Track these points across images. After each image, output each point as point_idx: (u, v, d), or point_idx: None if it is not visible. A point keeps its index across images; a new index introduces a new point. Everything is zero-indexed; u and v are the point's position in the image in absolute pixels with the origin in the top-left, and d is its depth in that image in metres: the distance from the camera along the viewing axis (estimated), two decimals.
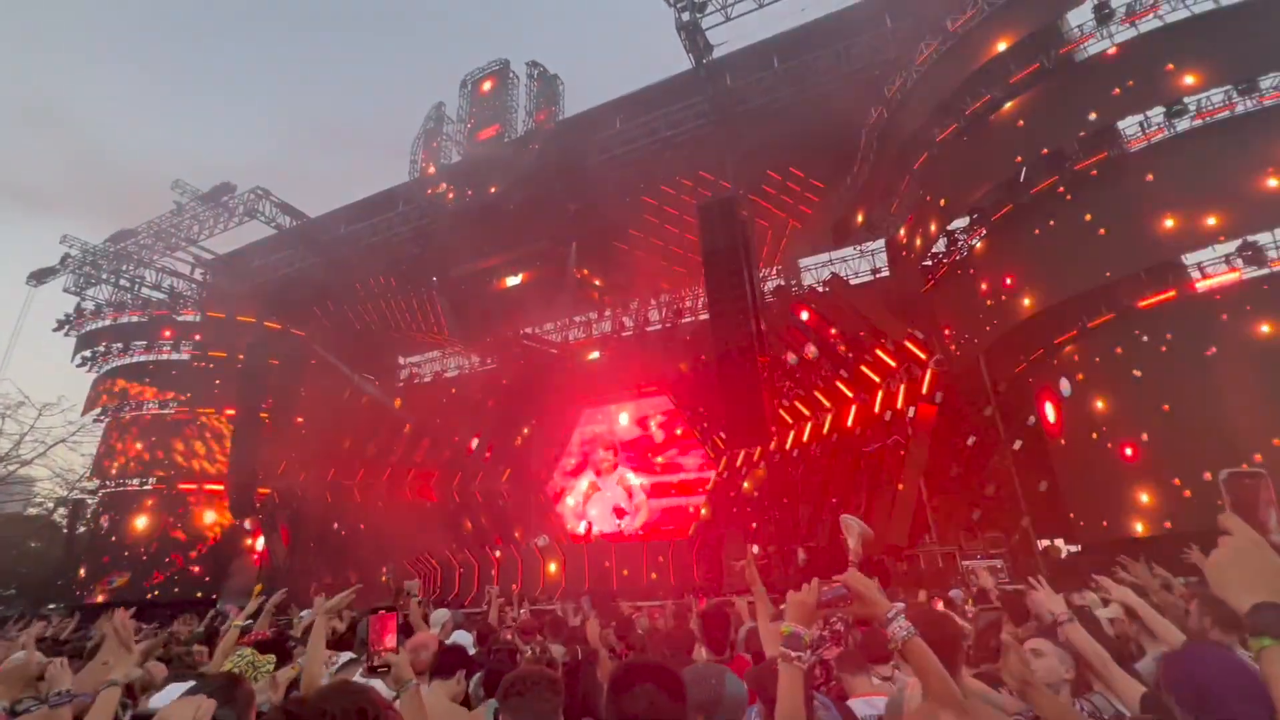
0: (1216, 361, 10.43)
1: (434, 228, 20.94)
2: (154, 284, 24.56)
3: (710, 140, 17.35)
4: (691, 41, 16.19)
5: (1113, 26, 12.03)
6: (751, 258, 15.56)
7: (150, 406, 24.59)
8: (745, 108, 17.03)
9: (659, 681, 1.44)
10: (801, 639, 1.65)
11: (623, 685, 1.45)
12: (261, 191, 22.51)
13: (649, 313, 23.99)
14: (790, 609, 1.73)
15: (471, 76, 22.62)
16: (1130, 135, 12.14)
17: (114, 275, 23.91)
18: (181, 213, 22.52)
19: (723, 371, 14.72)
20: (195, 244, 23.56)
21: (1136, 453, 10.95)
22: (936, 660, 1.62)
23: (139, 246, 23.54)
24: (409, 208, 21.87)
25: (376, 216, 22.56)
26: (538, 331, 25.11)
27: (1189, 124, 11.52)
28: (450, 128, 22.32)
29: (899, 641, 1.62)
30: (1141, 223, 11.24)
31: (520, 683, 1.74)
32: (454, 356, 27.72)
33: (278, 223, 22.68)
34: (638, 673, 1.48)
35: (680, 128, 17.69)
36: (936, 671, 1.60)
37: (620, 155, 18.42)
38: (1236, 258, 10.83)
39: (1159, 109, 11.61)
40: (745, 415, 14.24)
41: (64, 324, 24.07)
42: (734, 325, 14.49)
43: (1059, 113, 12.37)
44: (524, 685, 1.73)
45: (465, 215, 20.31)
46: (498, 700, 1.82)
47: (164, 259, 24.31)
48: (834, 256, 21.80)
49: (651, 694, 1.41)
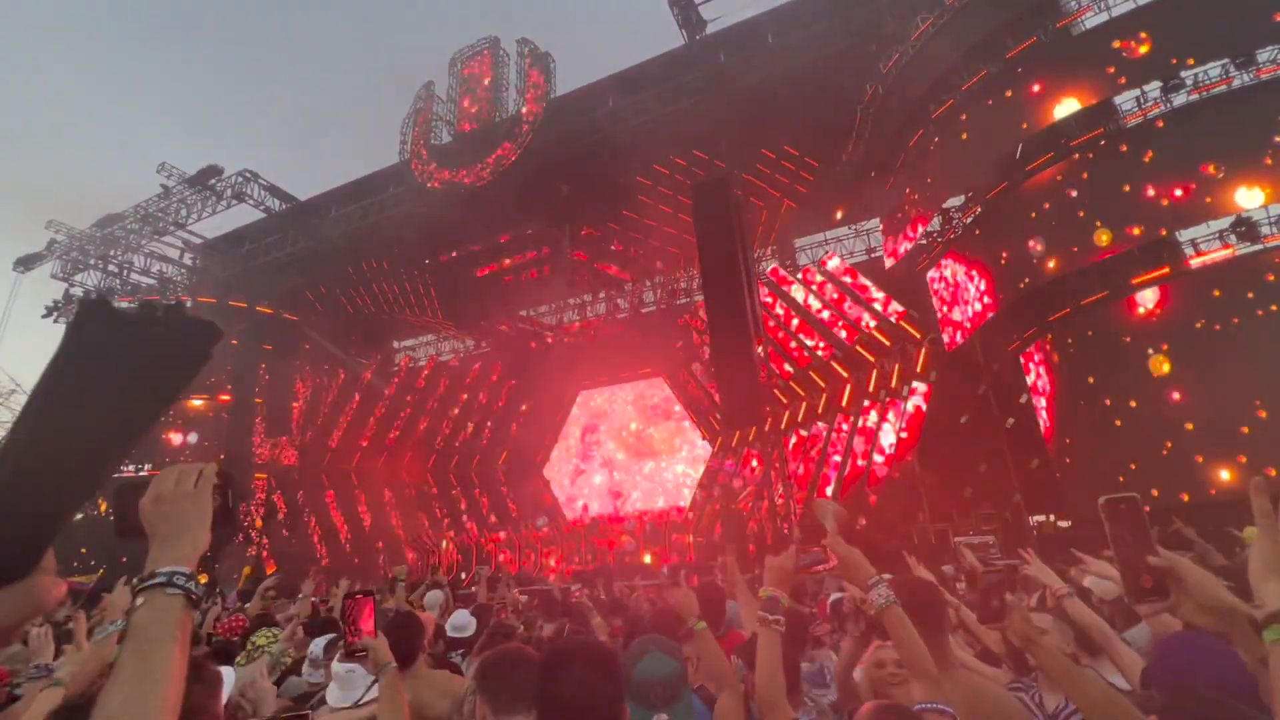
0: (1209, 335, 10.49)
1: (425, 210, 20.70)
2: (143, 269, 24.28)
3: (704, 119, 17.13)
4: (684, 17, 15.95)
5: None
6: (746, 238, 15.47)
7: None
8: (738, 85, 16.81)
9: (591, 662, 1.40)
10: (779, 602, 1.68)
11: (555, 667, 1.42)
12: (250, 174, 22.20)
13: (644, 294, 23.92)
14: (768, 573, 1.75)
15: (461, 55, 22.19)
16: (1127, 110, 12.06)
17: (102, 261, 23.63)
18: (168, 196, 22.20)
19: (717, 352, 14.71)
20: (183, 228, 23.26)
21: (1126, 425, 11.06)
22: (913, 630, 1.62)
23: (126, 231, 23.23)
24: (400, 190, 21.60)
25: (367, 199, 22.29)
26: (532, 314, 25.03)
27: (1186, 99, 11.43)
28: (440, 107, 21.96)
29: (877, 609, 1.63)
30: (1137, 199, 11.22)
31: (496, 663, 1.73)
32: (448, 340, 27.64)
33: (266, 205, 22.41)
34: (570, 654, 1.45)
35: (673, 105, 17.46)
36: (912, 641, 1.61)
37: (612, 134, 18.19)
38: (1230, 234, 10.83)
39: (1156, 84, 11.52)
40: (739, 396, 14.27)
41: (53, 310, 23.82)
42: (728, 306, 14.45)
43: (1056, 87, 12.27)
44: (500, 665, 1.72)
45: (456, 197, 20.08)
46: (475, 681, 1.81)
47: (152, 243, 24.01)
48: (829, 236, 21.72)
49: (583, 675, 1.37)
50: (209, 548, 0.79)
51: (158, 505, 0.78)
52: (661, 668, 1.65)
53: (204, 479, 0.81)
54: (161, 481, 0.79)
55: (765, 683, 1.65)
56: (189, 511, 0.78)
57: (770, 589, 1.71)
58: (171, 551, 0.75)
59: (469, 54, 22.02)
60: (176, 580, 0.72)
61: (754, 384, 14.29)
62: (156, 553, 0.75)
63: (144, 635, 0.67)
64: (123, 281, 24.04)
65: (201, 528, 0.79)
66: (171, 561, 0.74)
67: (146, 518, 0.77)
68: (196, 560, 0.75)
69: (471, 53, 21.96)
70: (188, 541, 0.77)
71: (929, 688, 1.58)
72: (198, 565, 0.75)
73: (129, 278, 24.12)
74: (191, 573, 0.74)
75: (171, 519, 0.77)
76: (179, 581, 0.72)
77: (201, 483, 0.81)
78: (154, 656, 0.66)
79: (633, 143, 17.80)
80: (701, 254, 15.23)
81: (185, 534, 0.77)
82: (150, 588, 0.71)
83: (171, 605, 0.71)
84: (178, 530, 0.77)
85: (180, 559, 0.74)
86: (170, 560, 0.74)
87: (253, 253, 23.80)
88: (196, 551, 0.77)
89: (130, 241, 23.46)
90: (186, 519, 0.78)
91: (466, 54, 22.07)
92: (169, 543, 0.76)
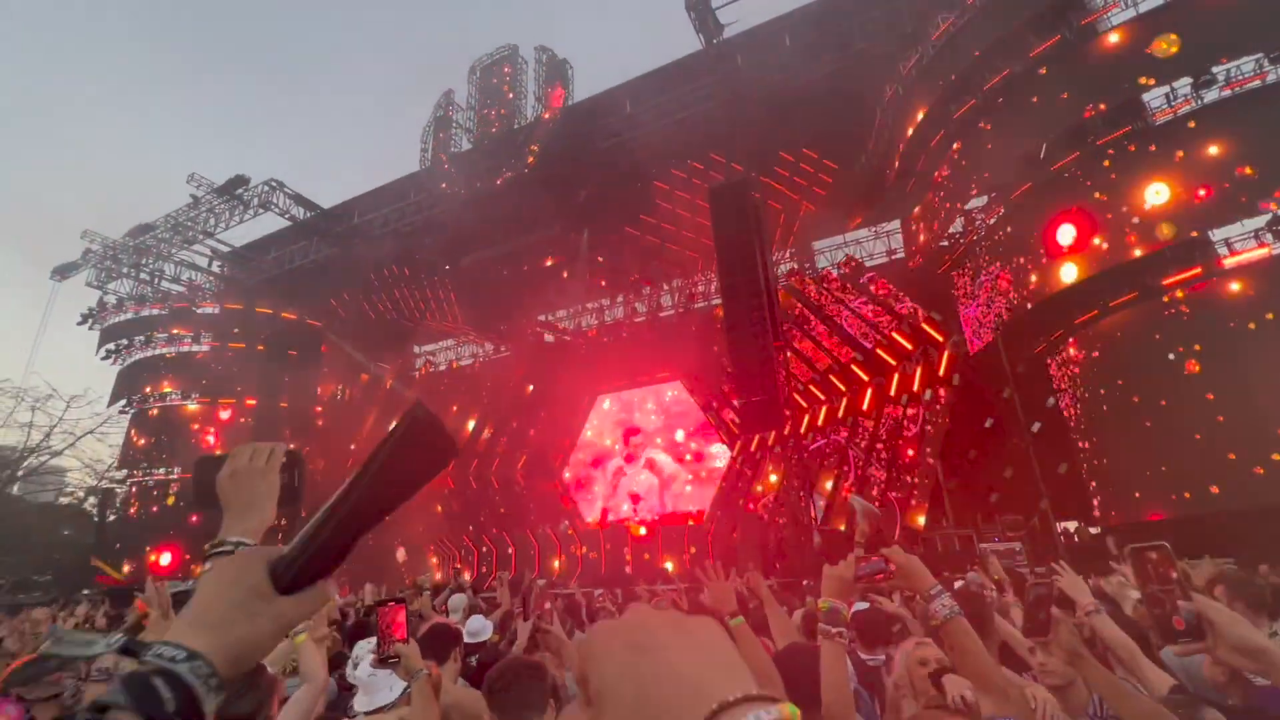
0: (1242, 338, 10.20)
1: (445, 216, 20.96)
2: (173, 277, 24.90)
3: (721, 122, 17.12)
4: (701, 22, 15.95)
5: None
6: (764, 241, 15.40)
7: (173, 398, 25.09)
8: (756, 88, 16.77)
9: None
10: (840, 614, 1.61)
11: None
12: (275, 183, 22.67)
13: (661, 298, 23.93)
14: (827, 582, 1.67)
15: (480, 63, 22.48)
16: (1156, 108, 11.79)
17: (134, 269, 24.28)
18: (198, 206, 22.76)
19: (735, 356, 14.66)
20: (212, 237, 23.81)
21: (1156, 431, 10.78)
22: (979, 642, 1.57)
23: (157, 240, 23.85)
24: (421, 196, 21.91)
25: (388, 206, 22.64)
26: (550, 318, 25.17)
27: (1218, 95, 11.15)
28: (460, 115, 22.25)
29: (941, 619, 1.56)
30: (1167, 198, 10.95)
31: (504, 676, 1.75)
32: (468, 344, 27.90)
33: (291, 214, 22.86)
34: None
35: (690, 109, 17.47)
36: (978, 653, 1.55)
37: (630, 139, 18.26)
38: (1266, 233, 10.53)
39: (1186, 80, 11.25)
40: (758, 400, 14.19)
41: (88, 318, 24.54)
42: (747, 309, 14.39)
43: (1081, 86, 12.03)
44: (508, 678, 1.73)
45: (476, 203, 20.30)
46: (484, 696, 1.82)
47: (182, 252, 24.62)
48: (848, 238, 21.53)
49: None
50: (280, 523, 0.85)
51: (233, 479, 0.84)
52: None
53: (274, 457, 0.87)
54: (237, 457, 0.85)
55: (833, 697, 1.57)
56: (259, 487, 0.84)
57: (830, 599, 1.64)
58: (241, 523, 0.80)
59: (488, 62, 22.29)
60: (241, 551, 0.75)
61: (773, 388, 14.21)
62: (228, 523, 0.80)
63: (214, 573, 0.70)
64: (154, 289, 24.68)
65: (269, 503, 0.84)
66: (240, 533, 0.79)
67: (222, 490, 0.83)
68: (262, 533, 0.80)
69: (491, 61, 22.23)
70: (255, 515, 0.82)
71: (998, 701, 1.52)
72: (263, 538, 0.80)
73: (159, 285, 24.76)
74: (256, 545, 0.78)
75: (243, 493, 0.83)
76: None
77: (271, 461, 0.86)
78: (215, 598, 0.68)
79: (650, 147, 17.85)
80: (720, 257, 15.19)
81: (254, 507, 0.82)
82: (218, 555, 0.75)
83: None
84: (248, 502, 0.82)
85: (248, 531, 0.80)
86: (239, 532, 0.79)
87: (278, 260, 24.31)
88: (263, 525, 0.82)
89: (161, 250, 24.08)
90: (256, 493, 0.83)
91: (486, 62, 22.35)
92: (240, 514, 0.81)
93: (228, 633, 0.58)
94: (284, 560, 0.62)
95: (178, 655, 0.55)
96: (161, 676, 0.54)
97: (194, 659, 0.55)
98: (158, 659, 0.55)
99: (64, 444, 22.64)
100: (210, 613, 0.60)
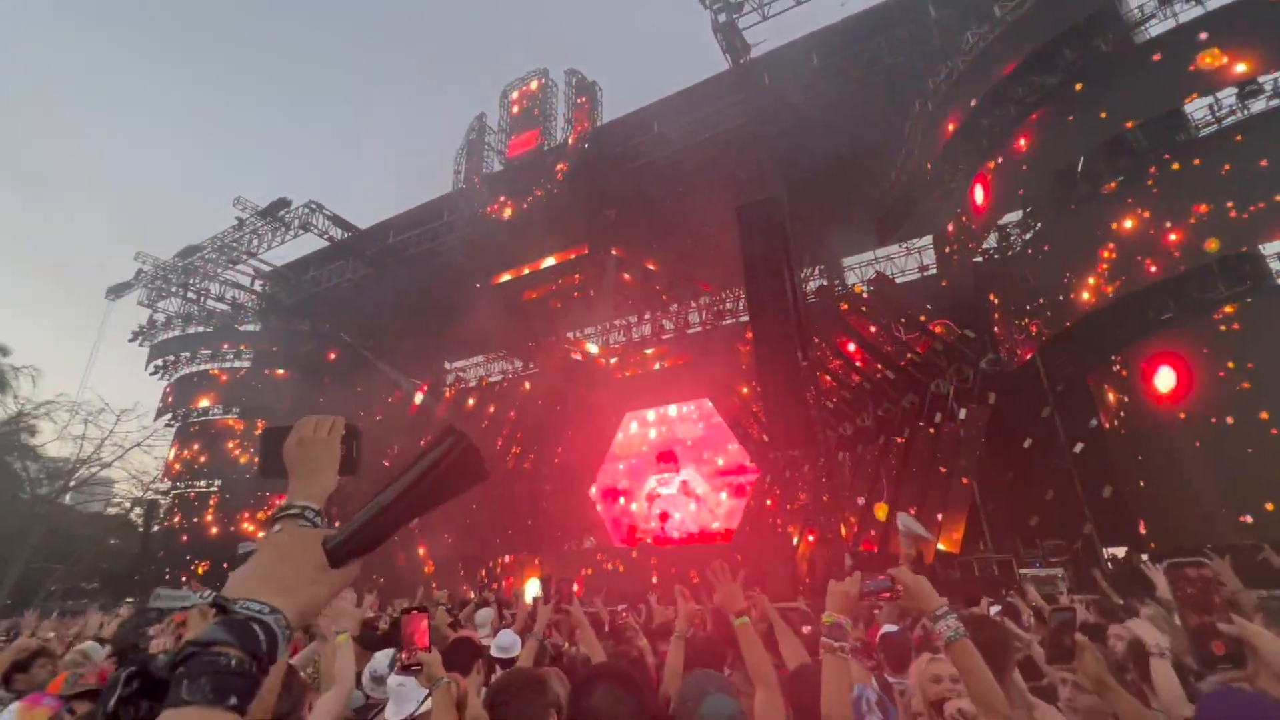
0: None
1: (476, 235, 21.41)
2: (218, 296, 25.92)
3: (748, 140, 17.19)
4: (728, 42, 16.12)
5: (1177, 5, 11.38)
6: (792, 258, 15.34)
7: (214, 412, 25.96)
8: (783, 105, 16.81)
9: (619, 684, 1.50)
10: (844, 628, 1.65)
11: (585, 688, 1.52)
12: (315, 205, 23.50)
13: (689, 315, 23.94)
14: (831, 598, 1.73)
15: (511, 86, 23.05)
16: (1200, 120, 11.45)
17: (182, 289, 25.35)
18: (242, 228, 23.71)
19: (764, 373, 14.54)
20: (255, 257, 24.76)
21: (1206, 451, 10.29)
22: (982, 664, 1.56)
23: (204, 261, 24.90)
24: (453, 217, 22.44)
25: (421, 227, 23.24)
26: (579, 335, 25.37)
27: (1265, 105, 10.78)
28: (491, 137, 22.80)
29: (945, 641, 1.58)
30: (1214, 212, 10.56)
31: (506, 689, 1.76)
32: (498, 361, 28.28)
33: (330, 235, 23.63)
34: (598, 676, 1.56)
35: (718, 128, 17.59)
36: (981, 676, 1.55)
37: (658, 158, 18.45)
38: None
39: (1231, 91, 10.92)
40: (787, 417, 14.02)
41: (138, 335, 25.65)
42: (775, 326, 14.30)
43: (1120, 98, 11.74)
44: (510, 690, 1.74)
45: (506, 223, 20.70)
46: (485, 708, 1.85)
47: (227, 272, 25.64)
48: (878, 255, 21.29)
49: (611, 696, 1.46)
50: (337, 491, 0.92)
51: (299, 446, 0.90)
52: (724, 708, 1.69)
53: (335, 428, 0.93)
54: (302, 427, 0.92)
55: (833, 711, 1.60)
56: (322, 455, 0.90)
57: (834, 614, 1.68)
58: (306, 489, 0.86)
59: (519, 85, 22.85)
60: (307, 514, 0.82)
61: (802, 406, 14.04)
62: (294, 487, 0.87)
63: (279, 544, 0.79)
64: (200, 308, 25.71)
65: (331, 470, 0.91)
66: (305, 497, 0.85)
67: (289, 457, 0.90)
68: (324, 499, 0.87)
69: (522, 84, 22.78)
70: (319, 481, 0.88)
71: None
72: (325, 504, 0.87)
73: (205, 304, 25.79)
74: (320, 509, 0.85)
75: (308, 459, 0.89)
76: (309, 515, 0.82)
77: (333, 431, 0.93)
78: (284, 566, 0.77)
79: (678, 165, 18.01)
80: (747, 275, 15.16)
81: (318, 474, 0.89)
82: (287, 516, 0.82)
83: None
84: (312, 469, 0.89)
85: (311, 496, 0.86)
86: (304, 496, 0.85)
87: (315, 279, 25.09)
88: (325, 492, 0.88)
89: (208, 270, 25.11)
90: (320, 461, 0.90)
91: (517, 85, 22.91)
92: (305, 480, 0.88)
93: (297, 595, 0.73)
94: (336, 541, 0.77)
95: (264, 609, 0.68)
96: (255, 623, 0.67)
97: (276, 613, 0.69)
98: (247, 610, 0.68)
99: (113, 456, 23.60)
100: (282, 578, 0.74)
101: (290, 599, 0.71)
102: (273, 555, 0.76)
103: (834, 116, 15.74)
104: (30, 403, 24.24)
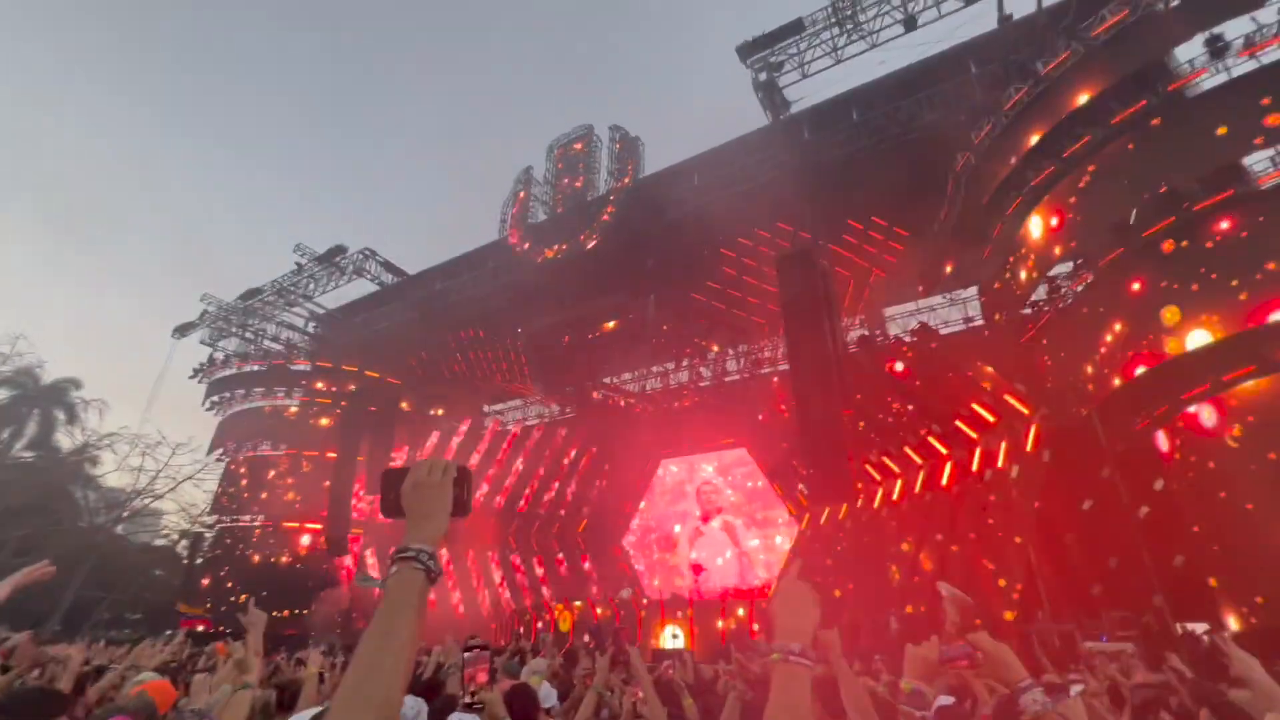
0: None
1: (520, 282, 22.03)
2: (274, 336, 27.13)
3: (789, 191, 17.41)
4: (769, 99, 16.56)
5: (1229, 60, 11.22)
6: (833, 308, 15.22)
7: (264, 447, 26.78)
8: (823, 159, 17.04)
9: None
10: (925, 697, 1.54)
11: None
12: (369, 252, 24.65)
13: (727, 363, 23.84)
14: (910, 664, 1.63)
15: (557, 142, 24.09)
16: (1260, 171, 11.11)
17: (241, 329, 26.66)
18: (301, 272, 24.98)
19: (803, 424, 14.24)
20: (310, 300, 25.97)
21: None
22: None
23: (264, 303, 26.22)
24: (498, 263, 23.21)
25: (466, 274, 24.07)
26: (616, 381, 25.49)
27: None
28: (537, 189, 23.72)
29: (1031, 716, 1.46)
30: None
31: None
32: (535, 405, 28.54)
33: (381, 280, 24.67)
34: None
35: (757, 180, 17.89)
36: None
37: (697, 208, 18.82)
38: None
39: None
40: (828, 470, 13.64)
41: (198, 372, 26.94)
42: (814, 376, 14.08)
43: (1172, 151, 11.50)
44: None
45: (549, 270, 21.27)
46: None
47: (283, 314, 26.91)
48: (921, 305, 20.97)
49: None
50: None
51: (416, 490, 0.96)
52: None
53: (448, 473, 0.98)
54: (418, 470, 0.98)
55: None
56: (436, 498, 0.96)
57: (912, 681, 1.59)
58: (421, 531, 0.92)
59: (565, 140, 23.86)
60: (421, 557, 0.88)
61: (842, 459, 13.65)
62: (411, 530, 0.92)
63: (393, 599, 0.85)
64: (256, 347, 26.93)
65: (444, 513, 0.96)
66: (420, 540, 0.90)
67: (406, 501, 0.95)
68: (439, 541, 0.93)
69: (567, 140, 23.79)
70: (433, 524, 0.94)
71: None
72: None
73: (261, 344, 27.02)
74: (433, 552, 0.90)
75: (424, 503, 0.95)
76: (423, 559, 0.88)
77: (446, 475, 0.98)
78: (397, 619, 0.83)
79: (717, 215, 18.31)
80: (787, 324, 15.08)
81: (432, 516, 0.95)
82: (404, 559, 0.88)
83: (416, 578, 0.88)
84: (427, 513, 0.95)
85: (427, 539, 0.91)
86: (420, 539, 0.90)
87: (365, 322, 26.09)
88: (439, 534, 0.94)
89: (266, 312, 26.40)
90: (434, 504, 0.96)
91: (562, 140, 23.93)
92: (421, 522, 0.93)
93: None
94: None
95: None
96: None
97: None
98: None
99: (166, 488, 24.47)
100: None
101: None
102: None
103: (875, 168, 15.87)
104: (95, 434, 25.53)
